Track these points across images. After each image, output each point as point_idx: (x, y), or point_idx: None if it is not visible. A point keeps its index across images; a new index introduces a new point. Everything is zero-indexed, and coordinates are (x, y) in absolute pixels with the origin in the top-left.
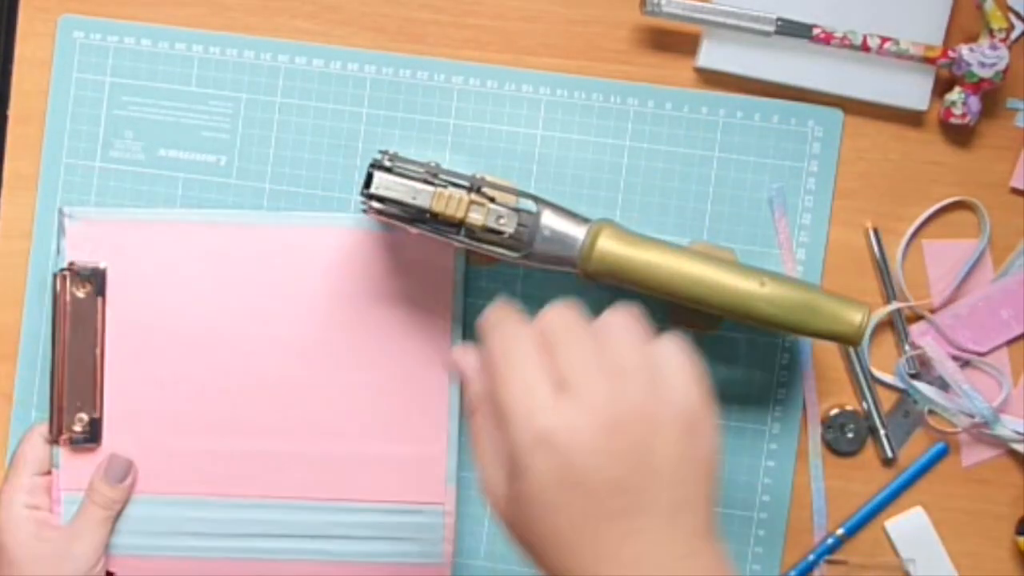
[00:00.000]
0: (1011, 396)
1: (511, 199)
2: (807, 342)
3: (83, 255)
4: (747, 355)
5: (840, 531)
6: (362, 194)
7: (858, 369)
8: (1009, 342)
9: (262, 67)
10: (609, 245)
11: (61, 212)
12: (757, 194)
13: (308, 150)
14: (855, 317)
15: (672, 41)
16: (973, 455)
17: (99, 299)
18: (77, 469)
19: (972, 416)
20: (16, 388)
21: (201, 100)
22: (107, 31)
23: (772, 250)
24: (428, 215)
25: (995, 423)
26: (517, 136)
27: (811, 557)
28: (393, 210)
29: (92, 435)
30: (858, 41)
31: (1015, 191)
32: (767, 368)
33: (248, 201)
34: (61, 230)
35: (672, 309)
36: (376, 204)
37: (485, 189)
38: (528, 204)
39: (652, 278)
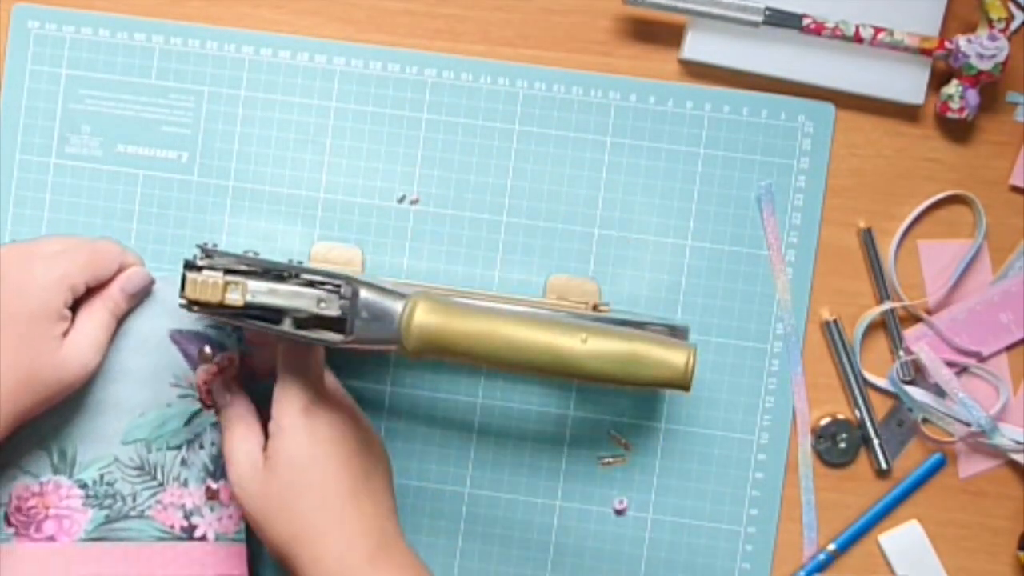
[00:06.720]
0: (1010, 404)
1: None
2: (796, 346)
3: None
4: (734, 361)
5: (832, 546)
6: (181, 296)
7: (851, 376)
8: (1008, 347)
9: (225, 59)
10: (426, 319)
11: None
12: (745, 193)
13: (274, 146)
14: (678, 360)
15: (656, 32)
16: (971, 466)
17: None
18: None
19: (969, 425)
20: None
21: (162, 93)
22: (63, 21)
23: (760, 251)
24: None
25: (993, 432)
26: (493, 131)
27: (801, 574)
28: (212, 311)
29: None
30: (850, 31)
31: (1015, 189)
32: (754, 375)
33: (211, 200)
34: None
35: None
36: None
37: (304, 275)
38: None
39: (474, 349)
